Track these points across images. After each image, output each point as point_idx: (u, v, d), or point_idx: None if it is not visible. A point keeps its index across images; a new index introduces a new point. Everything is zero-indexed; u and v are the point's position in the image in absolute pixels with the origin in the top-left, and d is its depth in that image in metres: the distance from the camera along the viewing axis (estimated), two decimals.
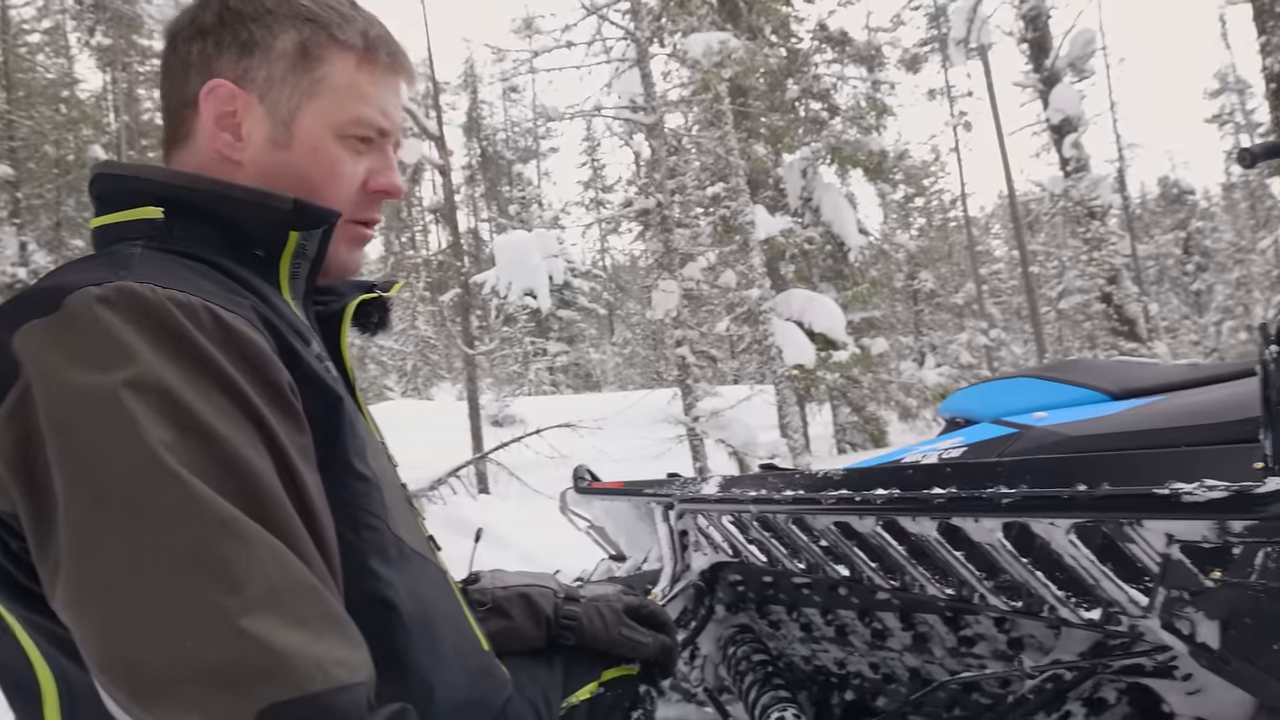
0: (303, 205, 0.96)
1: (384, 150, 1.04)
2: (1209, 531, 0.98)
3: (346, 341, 1.09)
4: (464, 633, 1.09)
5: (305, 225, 0.97)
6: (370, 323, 1.19)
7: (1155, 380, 1.73)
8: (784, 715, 1.77)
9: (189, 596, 0.67)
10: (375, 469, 0.95)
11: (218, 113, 0.95)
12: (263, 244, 0.97)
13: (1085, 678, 1.37)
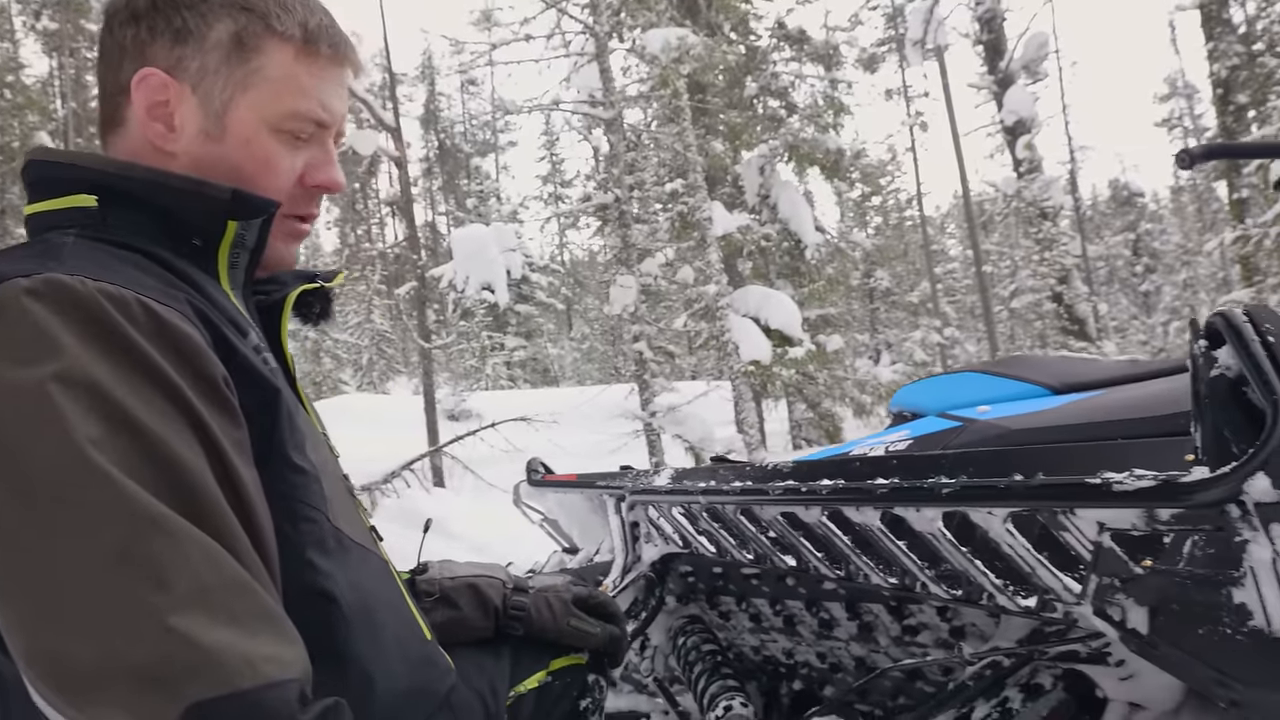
0: (241, 195, 0.94)
1: (323, 144, 1.02)
2: (1138, 520, 1.00)
3: (286, 332, 1.09)
4: (405, 621, 1.09)
5: (244, 215, 0.96)
6: (312, 313, 1.18)
7: (1095, 375, 1.77)
8: (731, 704, 1.78)
9: (116, 594, 0.67)
10: (315, 461, 0.95)
11: (149, 102, 0.94)
12: (200, 233, 0.96)
13: (1023, 664, 1.41)
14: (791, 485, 1.45)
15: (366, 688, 0.95)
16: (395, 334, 23.76)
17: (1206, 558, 1.00)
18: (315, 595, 0.91)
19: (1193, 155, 1.76)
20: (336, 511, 0.97)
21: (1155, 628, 1.04)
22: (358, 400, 17.48)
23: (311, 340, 23.43)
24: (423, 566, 1.45)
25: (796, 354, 9.70)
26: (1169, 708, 1.34)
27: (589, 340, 29.77)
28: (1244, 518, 0.91)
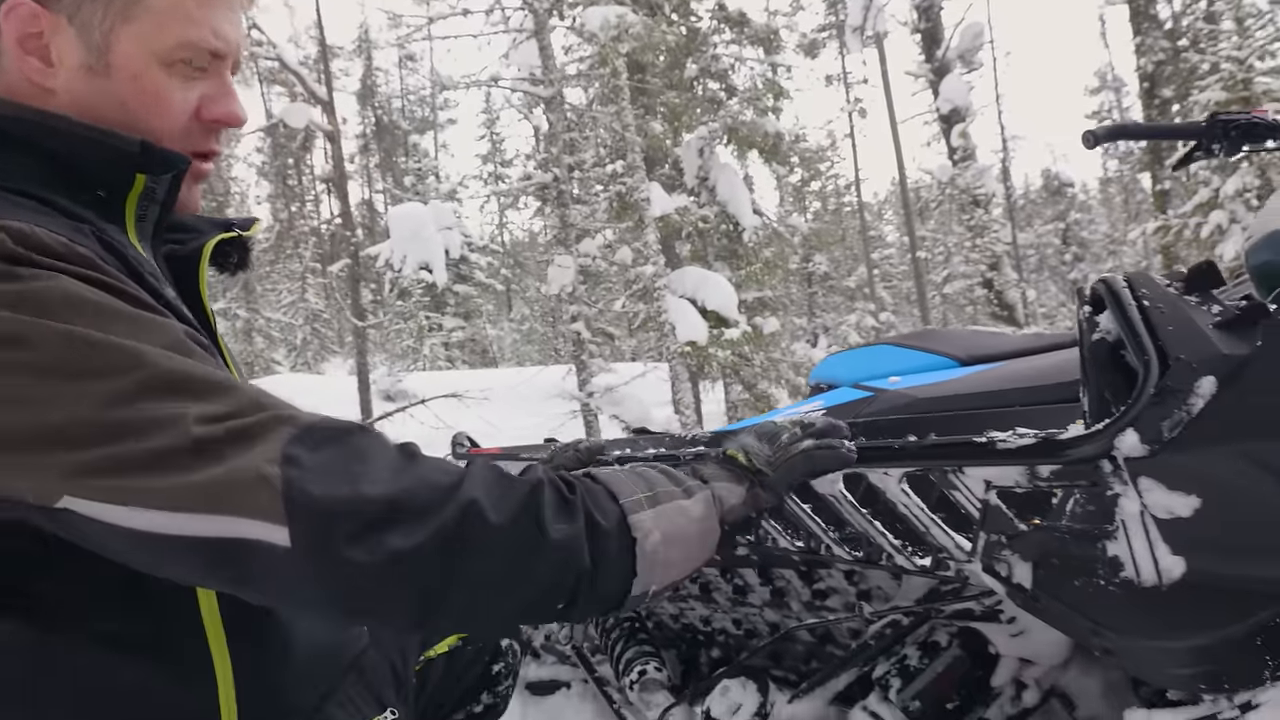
0: (151, 149, 0.91)
1: (220, 75, 0.97)
2: (1021, 477, 1.04)
3: (205, 282, 1.05)
4: None
5: (154, 169, 0.93)
6: (230, 263, 1.15)
7: (1000, 348, 1.83)
8: (645, 668, 1.81)
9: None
10: None
11: (20, 34, 0.88)
12: (105, 185, 0.92)
13: (921, 623, 1.45)
14: (701, 450, 1.47)
15: (285, 644, 0.96)
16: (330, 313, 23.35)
17: (1085, 514, 1.04)
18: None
19: (1097, 135, 1.82)
20: None
21: (1038, 581, 1.08)
22: (291, 380, 17.15)
23: (243, 319, 22.91)
24: None
25: (733, 335, 9.76)
26: (1057, 662, 1.40)
27: (529, 322, 29.60)
28: (1115, 472, 0.95)
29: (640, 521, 0.85)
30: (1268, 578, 0.89)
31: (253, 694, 0.90)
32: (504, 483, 0.79)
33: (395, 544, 0.70)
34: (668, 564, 0.87)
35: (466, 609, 0.77)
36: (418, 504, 0.73)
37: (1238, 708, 0.96)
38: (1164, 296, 1.01)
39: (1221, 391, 0.89)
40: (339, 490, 0.70)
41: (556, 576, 0.79)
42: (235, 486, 0.68)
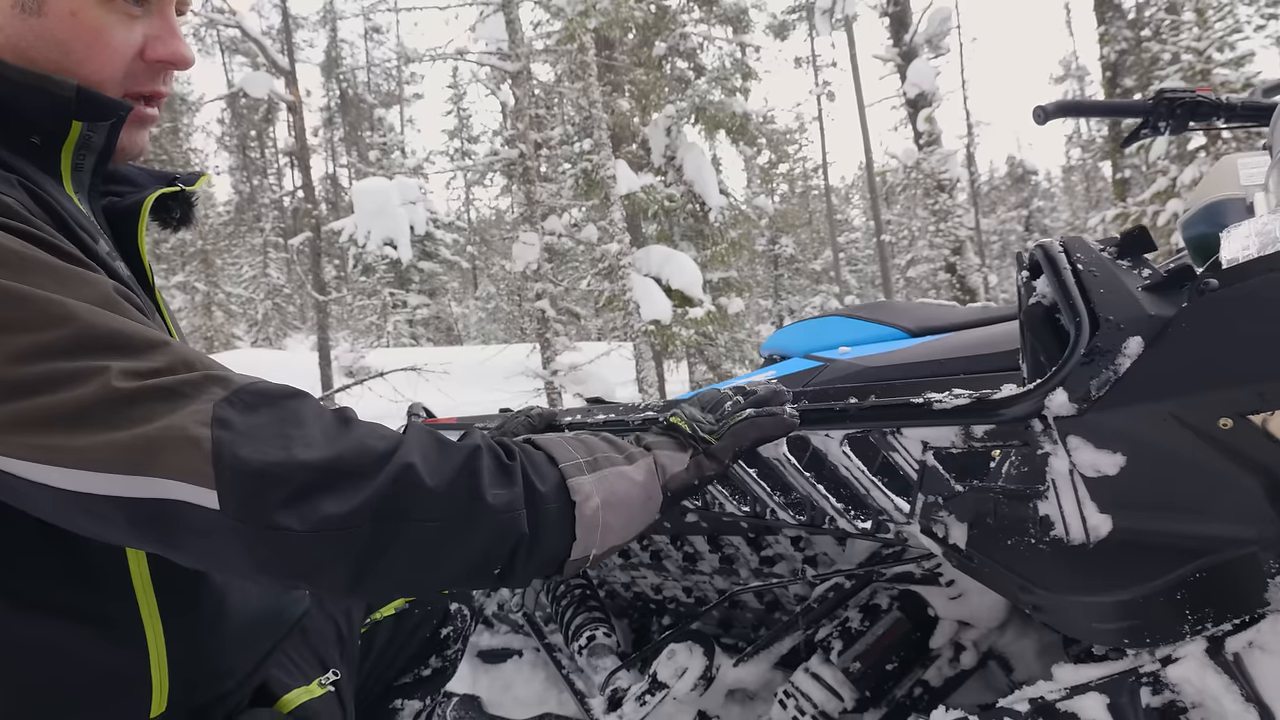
0: (87, 94, 0.87)
1: (163, 13, 0.93)
2: (957, 437, 1.06)
3: (144, 237, 1.02)
4: None
5: (90, 116, 0.89)
6: (172, 218, 1.12)
7: (949, 320, 1.85)
8: (594, 634, 1.82)
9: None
10: None
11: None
12: (39, 131, 0.88)
13: (862, 586, 1.47)
14: (650, 415, 1.48)
15: (219, 608, 0.95)
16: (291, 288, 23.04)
17: (1018, 474, 1.06)
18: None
19: (1047, 111, 1.84)
20: None
21: (972, 541, 1.10)
22: (252, 356, 16.94)
23: (202, 293, 22.56)
24: None
25: (697, 314, 9.78)
26: (994, 625, 1.43)
27: (494, 300, 29.43)
28: (1046, 431, 0.97)
29: (579, 485, 0.85)
30: (1188, 533, 0.91)
31: (185, 657, 0.89)
32: (441, 448, 0.79)
33: (328, 510, 0.69)
34: (607, 528, 0.87)
35: (402, 575, 0.76)
36: (352, 469, 0.71)
37: (1159, 661, 0.99)
38: (1097, 260, 1.03)
39: (1147, 351, 0.90)
40: (271, 454, 0.68)
41: (494, 541, 0.79)
42: (163, 446, 0.66)
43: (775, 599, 1.82)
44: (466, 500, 0.76)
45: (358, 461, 0.72)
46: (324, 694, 1.17)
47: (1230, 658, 0.94)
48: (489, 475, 0.78)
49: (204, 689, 0.93)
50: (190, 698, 0.91)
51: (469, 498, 0.77)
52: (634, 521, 0.92)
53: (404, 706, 1.50)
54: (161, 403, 0.68)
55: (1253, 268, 0.89)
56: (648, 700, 1.58)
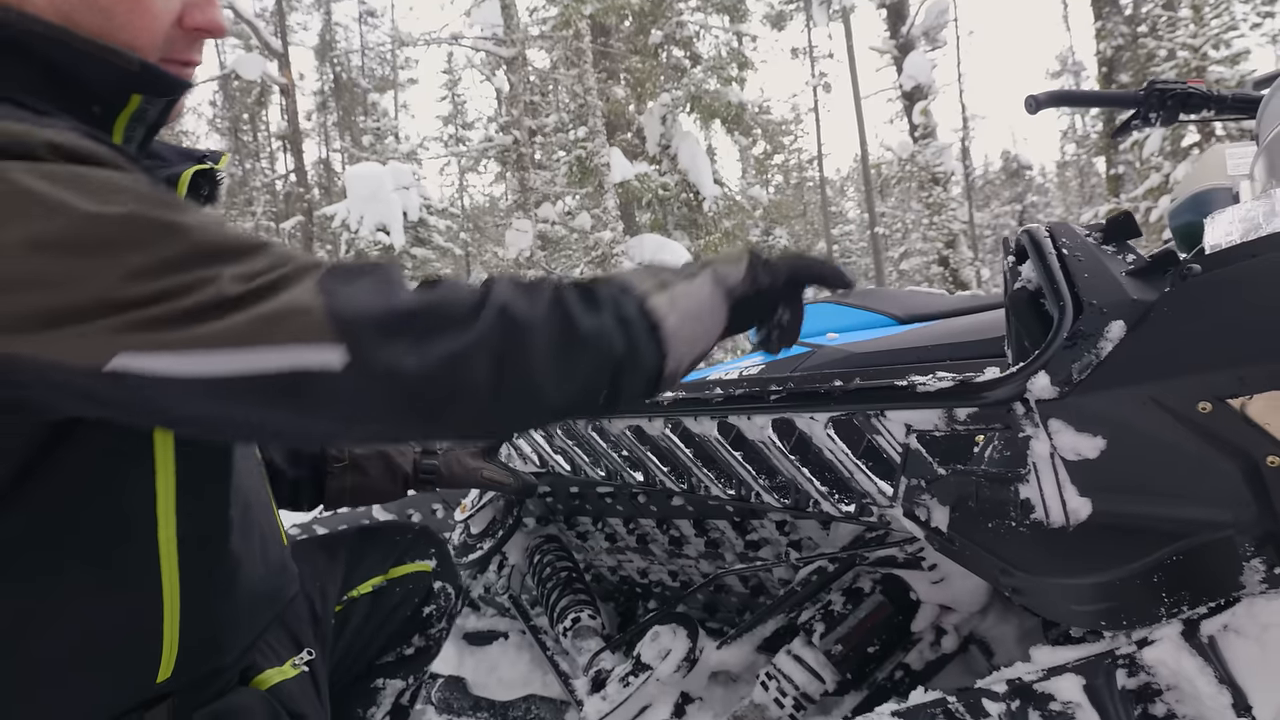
0: (150, 70, 0.89)
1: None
2: (940, 420, 1.06)
3: None
4: (271, 526, 1.10)
5: (153, 91, 0.91)
6: (201, 195, 1.11)
7: (938, 307, 1.86)
8: (579, 615, 1.83)
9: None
10: None
11: None
12: (100, 102, 0.89)
13: (845, 569, 1.48)
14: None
15: (231, 581, 0.97)
16: None
17: (1000, 458, 1.07)
18: (212, 484, 0.92)
19: (1039, 100, 1.84)
20: None
21: (953, 524, 1.11)
22: None
23: None
24: None
25: None
26: (975, 609, 1.44)
27: None
28: (1027, 415, 0.98)
29: (657, 305, 0.89)
30: (1165, 517, 0.92)
31: (195, 626, 0.91)
32: (528, 286, 0.83)
33: (444, 348, 0.74)
34: (691, 340, 0.92)
35: (517, 406, 0.80)
36: (455, 311, 0.76)
37: (1135, 643, 1.00)
38: (1082, 246, 1.04)
39: (1129, 336, 0.91)
40: (380, 306, 0.73)
41: (594, 366, 0.83)
42: (283, 318, 0.70)
43: (760, 583, 1.83)
44: (561, 331, 0.80)
45: (459, 305, 0.77)
46: (298, 674, 1.18)
47: (1205, 640, 0.95)
48: (577, 307, 0.82)
49: (206, 660, 0.95)
50: (193, 667, 0.93)
51: (563, 328, 0.81)
52: (710, 331, 0.96)
53: (386, 686, 1.50)
54: (276, 290, 0.72)
55: (1234, 253, 0.89)
56: (631, 681, 1.58)
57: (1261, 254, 0.87)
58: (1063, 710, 1.04)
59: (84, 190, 0.71)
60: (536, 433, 1.87)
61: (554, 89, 11.71)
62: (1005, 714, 1.06)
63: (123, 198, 0.72)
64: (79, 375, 0.68)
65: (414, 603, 1.50)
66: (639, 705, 1.58)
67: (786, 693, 1.41)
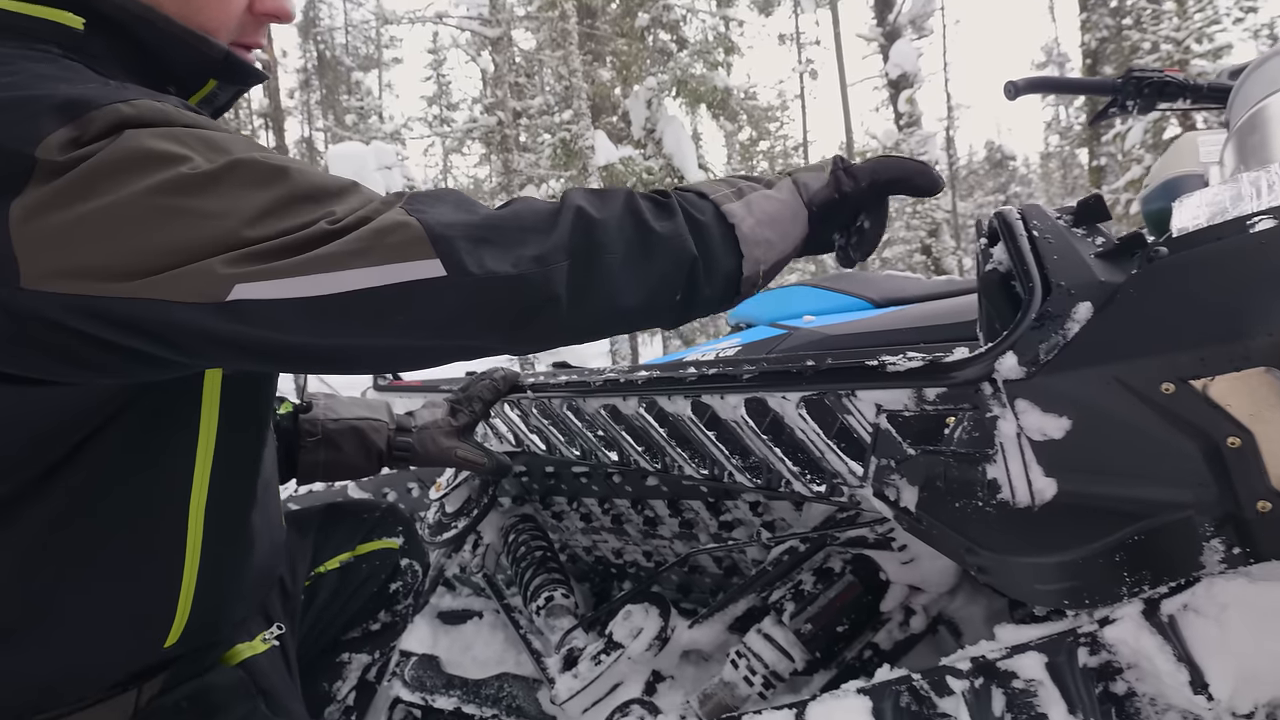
0: (232, 59, 0.93)
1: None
2: (909, 400, 1.07)
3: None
4: (277, 504, 1.12)
5: (231, 79, 0.96)
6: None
7: (914, 291, 1.87)
8: (553, 594, 1.83)
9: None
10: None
11: None
12: (179, 83, 0.93)
13: (816, 549, 1.49)
14: (611, 378, 1.48)
15: (245, 557, 1.00)
16: None
17: (968, 438, 1.07)
18: (249, 457, 0.97)
19: (1018, 86, 1.85)
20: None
21: (921, 504, 1.12)
22: None
23: None
24: (307, 404, 1.47)
25: None
26: (944, 590, 1.45)
27: None
28: (995, 395, 0.98)
29: (732, 210, 0.92)
30: (1127, 497, 0.93)
31: (206, 595, 0.94)
32: (600, 193, 0.87)
33: (531, 251, 0.78)
34: (768, 243, 0.94)
35: (601, 305, 0.83)
36: (536, 220, 0.81)
37: (1097, 622, 1.01)
38: (1053, 228, 1.04)
39: (1096, 317, 0.92)
40: (465, 220, 0.77)
41: (671, 266, 0.86)
42: (383, 236, 0.74)
43: (733, 564, 1.84)
44: (636, 231, 0.84)
45: (537, 214, 0.82)
46: (268, 649, 1.18)
47: (1165, 620, 0.97)
48: (650, 211, 0.86)
49: (209, 632, 0.97)
50: (197, 637, 0.94)
51: (637, 229, 0.84)
52: (789, 236, 0.99)
53: (352, 660, 1.51)
54: (369, 219, 0.76)
55: (1200, 236, 0.90)
56: (603, 659, 1.59)
57: (1227, 237, 0.88)
58: (1025, 688, 1.05)
59: (197, 144, 0.75)
60: (512, 411, 1.87)
61: (539, 70, 11.63)
62: (969, 691, 1.07)
63: (232, 147, 0.76)
64: (201, 313, 0.70)
65: (380, 579, 1.51)
66: (610, 683, 1.59)
67: (756, 671, 1.42)
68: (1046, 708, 1.03)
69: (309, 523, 1.47)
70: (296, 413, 1.45)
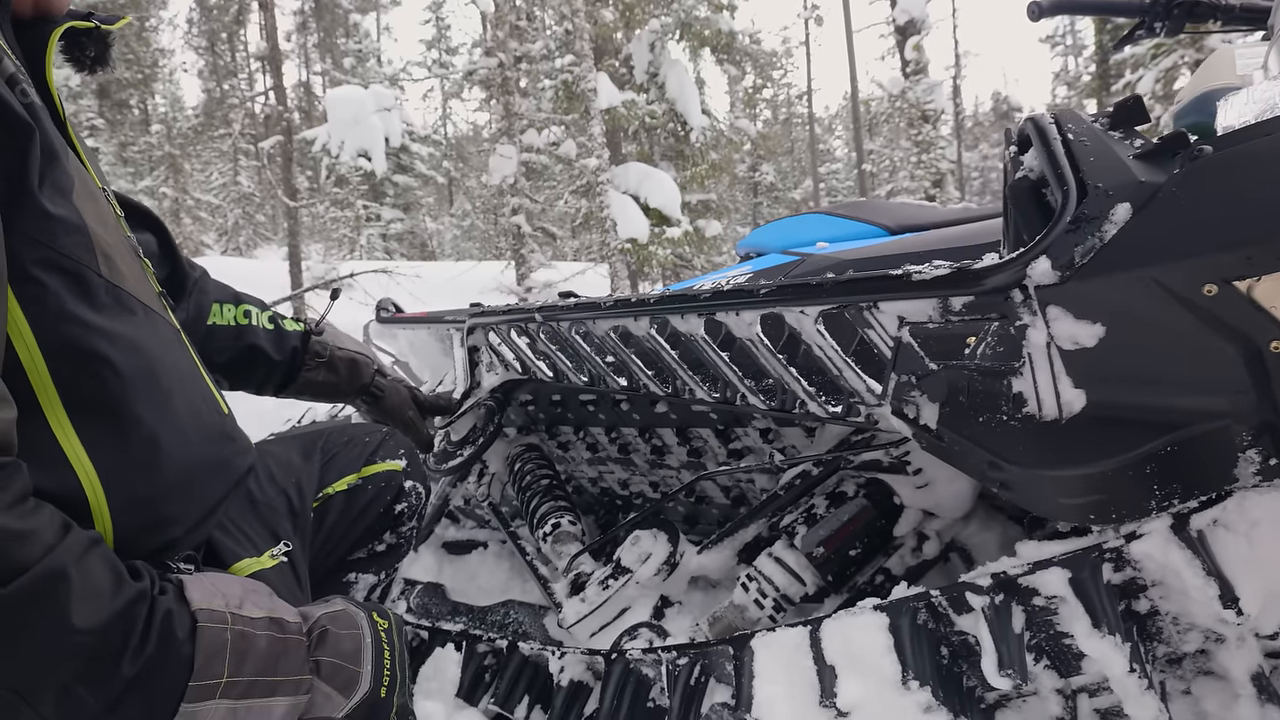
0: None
1: None
2: (934, 311, 1.03)
3: (51, 71, 0.99)
4: (201, 394, 1.05)
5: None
6: (86, 56, 1.09)
7: (930, 218, 1.82)
8: (560, 521, 1.81)
9: None
10: (81, 210, 0.88)
11: None
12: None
13: (830, 473, 1.47)
14: (623, 298, 1.45)
15: (153, 450, 0.92)
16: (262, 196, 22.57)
17: (994, 351, 1.04)
18: (84, 351, 0.85)
19: (1041, 7, 1.79)
20: (115, 269, 0.91)
21: (943, 419, 1.09)
22: (221, 263, 16.63)
23: (170, 199, 22.06)
24: (321, 328, 1.56)
25: (674, 235, 9.68)
26: (958, 516, 1.43)
27: (470, 217, 29.01)
28: (1025, 302, 0.95)
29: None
30: (1161, 406, 0.90)
31: (122, 495, 0.87)
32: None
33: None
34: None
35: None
36: None
37: (1123, 537, 0.99)
38: (1088, 131, 1.00)
39: (1135, 218, 0.88)
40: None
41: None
42: None
43: (741, 494, 1.82)
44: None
45: None
46: (276, 564, 1.17)
47: (1194, 534, 0.95)
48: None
49: (149, 535, 0.91)
50: (137, 541, 0.89)
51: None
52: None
53: (359, 580, 1.50)
54: None
55: (1248, 133, 0.86)
56: (610, 584, 1.58)
57: (1276, 132, 0.84)
58: (1046, 604, 1.03)
59: None
60: (519, 337, 1.84)
61: (542, 7, 11.41)
62: (989, 607, 1.05)
63: None
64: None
65: (386, 500, 1.50)
66: (618, 608, 1.58)
67: (766, 594, 1.41)
68: (1069, 624, 1.01)
69: (312, 446, 1.45)
70: (308, 334, 1.52)
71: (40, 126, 0.83)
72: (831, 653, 1.14)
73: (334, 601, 1.01)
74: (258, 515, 1.25)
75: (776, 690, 1.16)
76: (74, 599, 0.72)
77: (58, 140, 0.88)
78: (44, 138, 0.83)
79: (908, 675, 1.07)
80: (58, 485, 0.82)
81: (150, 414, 0.92)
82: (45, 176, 0.83)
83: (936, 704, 1.05)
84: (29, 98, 0.85)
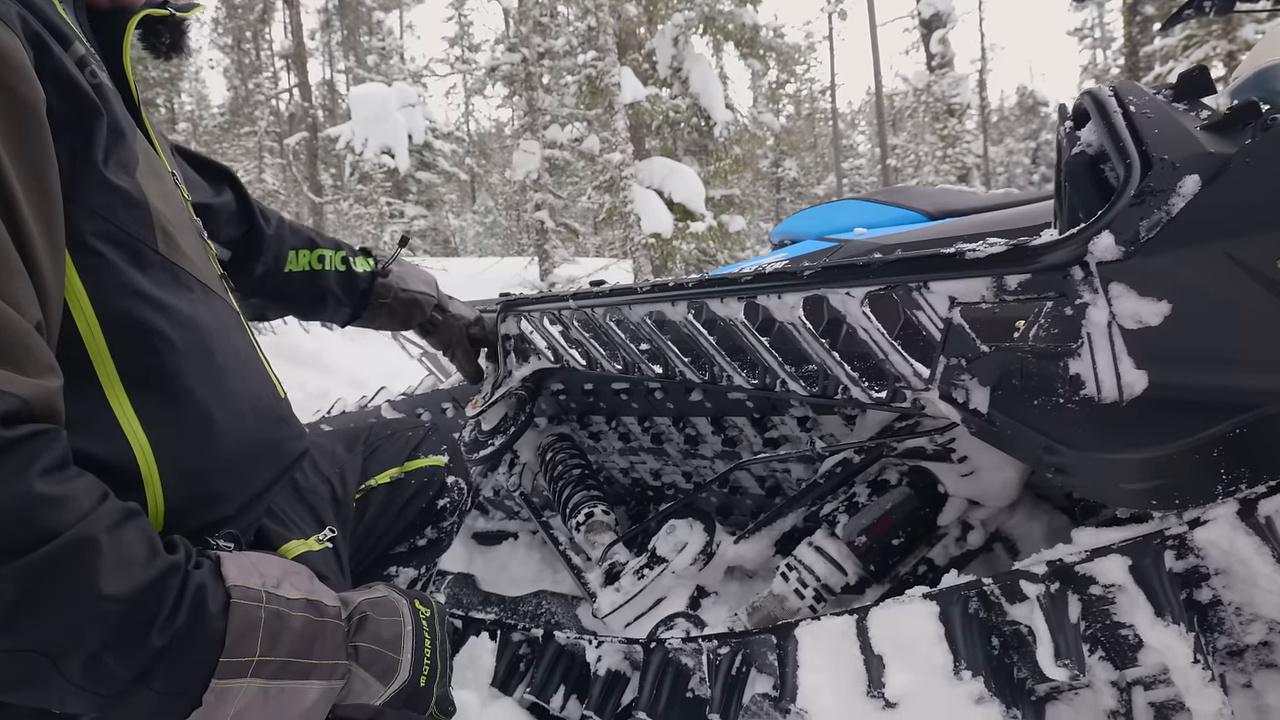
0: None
1: None
2: (988, 291, 1.00)
3: (128, 55, 1.01)
4: (258, 375, 1.06)
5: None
6: (161, 43, 1.12)
7: (970, 204, 1.79)
8: (593, 510, 1.79)
9: None
10: (144, 187, 0.89)
11: None
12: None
13: (872, 461, 1.44)
14: (660, 282, 1.43)
15: (206, 425, 0.92)
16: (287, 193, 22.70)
17: (1050, 332, 1.01)
18: (140, 323, 0.86)
19: None
20: (175, 248, 0.93)
21: (995, 403, 1.06)
22: None
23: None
24: (386, 270, 1.65)
25: (698, 229, 9.63)
26: (1004, 504, 1.40)
27: (492, 214, 29.06)
28: (1086, 279, 0.92)
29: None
30: (1230, 387, 0.86)
31: (173, 466, 0.87)
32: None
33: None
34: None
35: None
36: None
37: (1186, 524, 0.95)
38: (1151, 103, 0.97)
39: (1204, 190, 0.84)
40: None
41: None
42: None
43: (776, 484, 1.79)
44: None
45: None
46: (322, 549, 1.16)
47: (1263, 520, 0.91)
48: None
49: (200, 509, 0.91)
50: (187, 515, 0.88)
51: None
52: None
53: (399, 574, 1.49)
54: None
55: None
56: (646, 574, 1.55)
57: None
58: (1104, 594, 1.00)
59: None
60: (553, 325, 1.82)
61: (565, 4, 11.39)
62: (1044, 596, 1.02)
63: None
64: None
65: (428, 495, 1.48)
66: (653, 598, 1.56)
67: (807, 583, 1.38)
68: (1128, 614, 0.98)
69: (355, 439, 1.45)
70: (375, 275, 1.63)
71: (109, 106, 0.85)
72: (879, 642, 1.11)
73: (376, 588, 0.99)
74: (303, 501, 1.24)
75: (821, 680, 1.13)
76: (103, 566, 0.71)
77: (126, 121, 0.89)
78: (111, 118, 0.85)
79: (959, 665, 1.04)
80: (111, 454, 0.82)
81: (203, 389, 0.92)
82: (110, 154, 0.85)
83: (989, 695, 1.02)
84: (98, 79, 0.87)
